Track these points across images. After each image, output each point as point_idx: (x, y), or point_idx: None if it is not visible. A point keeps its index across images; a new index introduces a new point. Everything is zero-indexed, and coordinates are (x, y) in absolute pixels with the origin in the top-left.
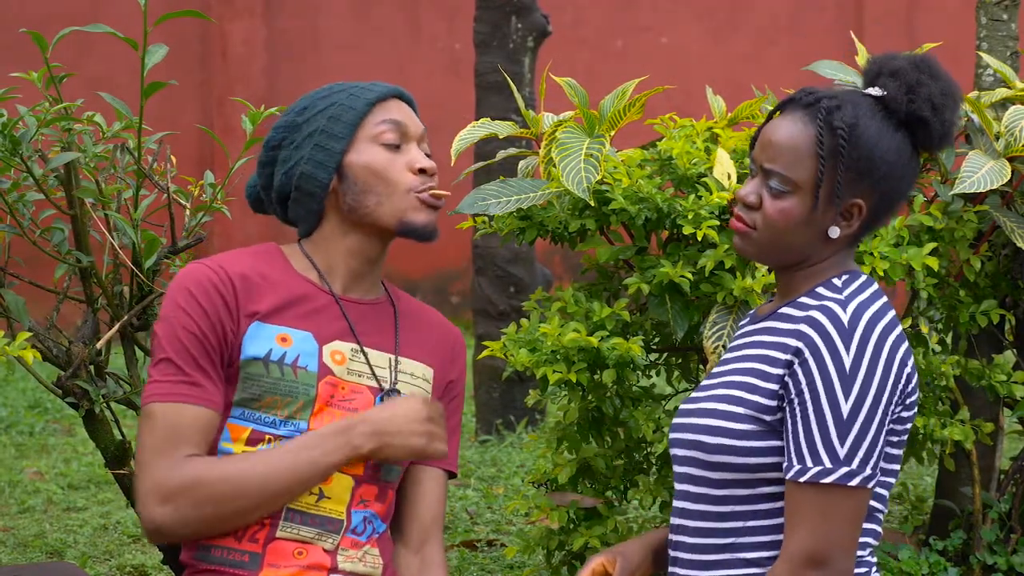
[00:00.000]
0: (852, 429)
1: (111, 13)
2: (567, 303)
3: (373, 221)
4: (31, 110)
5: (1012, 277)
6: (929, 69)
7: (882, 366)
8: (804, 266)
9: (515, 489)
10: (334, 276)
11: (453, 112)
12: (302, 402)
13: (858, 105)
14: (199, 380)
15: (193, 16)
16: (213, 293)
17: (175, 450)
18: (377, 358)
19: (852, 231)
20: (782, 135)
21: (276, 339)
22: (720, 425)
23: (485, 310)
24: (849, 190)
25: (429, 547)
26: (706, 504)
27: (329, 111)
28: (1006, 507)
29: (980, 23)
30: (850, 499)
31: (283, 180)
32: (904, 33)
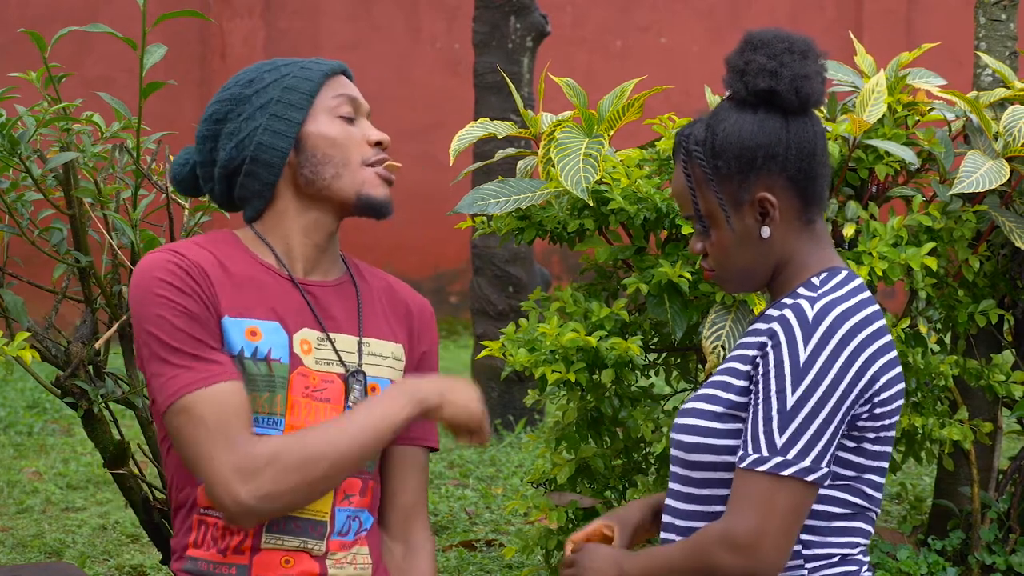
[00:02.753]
0: (794, 421)
1: (110, 13)
2: (566, 303)
3: (330, 194)
4: (30, 110)
5: (1011, 277)
6: (753, 44)
7: (840, 363)
8: (782, 268)
9: (514, 489)
10: (293, 258)
11: (452, 112)
12: (279, 396)
13: (713, 115)
14: (216, 358)
15: (192, 16)
16: (187, 277)
17: (237, 431)
18: (344, 343)
19: (778, 219)
20: (673, 185)
21: (246, 334)
22: (697, 424)
23: (484, 310)
24: (744, 190)
25: (413, 532)
26: (692, 503)
27: (283, 82)
28: (1004, 507)
29: (979, 23)
30: (784, 490)
31: (232, 153)
32: (903, 33)
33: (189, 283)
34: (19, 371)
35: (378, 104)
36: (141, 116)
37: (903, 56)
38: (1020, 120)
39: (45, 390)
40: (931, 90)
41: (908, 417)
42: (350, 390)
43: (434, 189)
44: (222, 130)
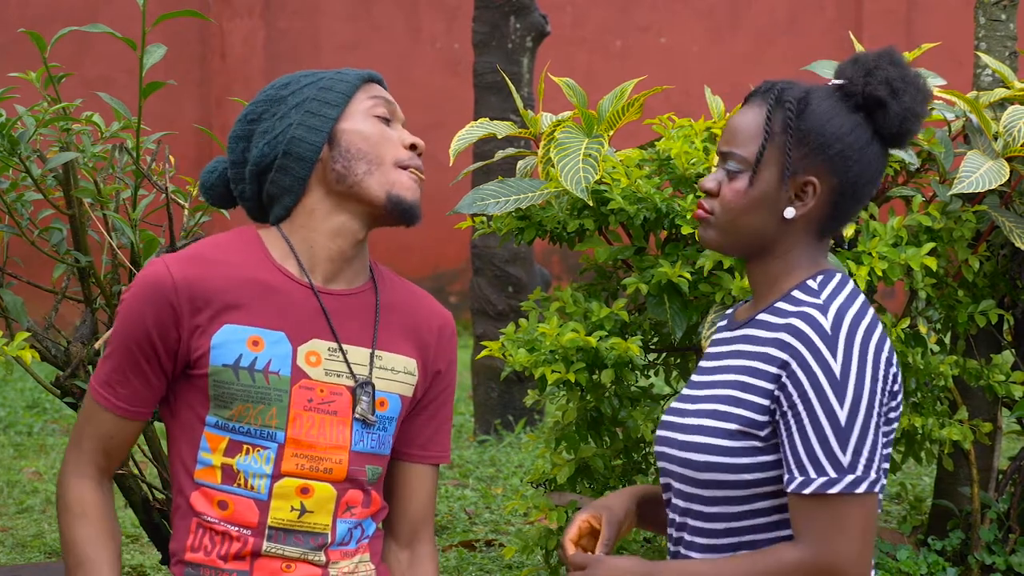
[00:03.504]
0: (852, 435)
1: (110, 13)
2: (565, 303)
3: (361, 191)
4: (29, 110)
5: (1010, 277)
6: (891, 58)
7: (870, 367)
8: (771, 257)
9: (514, 489)
10: (316, 263)
11: (452, 112)
12: (275, 409)
13: (814, 89)
14: (118, 385)
15: (192, 16)
16: (160, 301)
17: (82, 454)
18: (356, 355)
19: (807, 211)
20: (738, 119)
21: (247, 343)
22: (708, 442)
23: (483, 310)
24: (801, 165)
25: (420, 542)
26: (701, 520)
27: (319, 83)
28: (1004, 507)
29: (979, 23)
30: (859, 506)
31: (265, 150)
32: (903, 33)
33: (159, 308)
34: (19, 371)
35: None
36: (141, 116)
37: None
38: (1020, 120)
39: (45, 390)
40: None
41: (908, 417)
42: (357, 401)
43: (434, 189)
44: (256, 129)
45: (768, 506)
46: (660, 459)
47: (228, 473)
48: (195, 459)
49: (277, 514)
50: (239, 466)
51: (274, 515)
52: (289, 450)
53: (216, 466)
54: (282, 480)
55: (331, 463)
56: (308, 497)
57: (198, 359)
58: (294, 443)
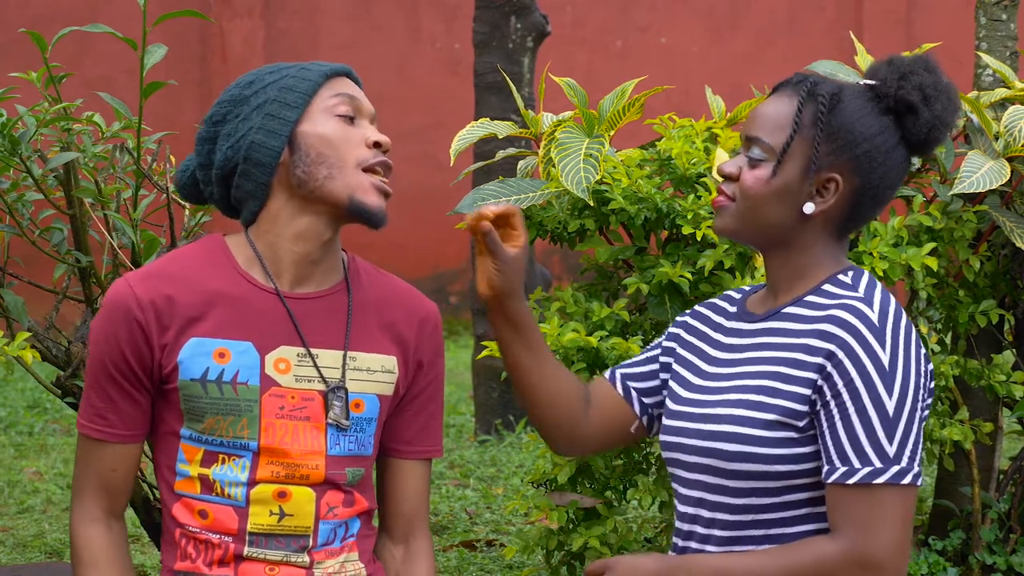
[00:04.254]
0: (898, 427)
1: (110, 13)
2: (566, 303)
3: (323, 195)
4: (30, 110)
5: (1011, 277)
6: (926, 64)
7: (914, 361)
8: (790, 252)
9: (514, 489)
10: (282, 267)
11: (452, 112)
12: (245, 419)
13: (846, 86)
14: (107, 413)
15: (192, 16)
16: (128, 321)
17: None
18: (327, 358)
19: (827, 208)
20: (767, 107)
21: (214, 355)
22: (742, 432)
23: (484, 310)
24: (826, 161)
25: (414, 538)
26: (723, 512)
27: (281, 82)
28: (1005, 507)
29: (979, 23)
30: (901, 497)
31: (228, 153)
32: (903, 33)
33: (129, 328)
34: (19, 371)
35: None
36: (142, 116)
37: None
38: (1021, 120)
39: (45, 390)
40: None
41: None
42: (329, 407)
43: (434, 189)
44: (220, 131)
45: (799, 499)
46: (674, 450)
47: (205, 483)
48: (174, 471)
49: (256, 520)
50: (215, 475)
51: (253, 521)
52: (263, 458)
53: (194, 477)
54: (258, 487)
55: (307, 469)
56: (286, 501)
57: (168, 374)
58: (268, 452)
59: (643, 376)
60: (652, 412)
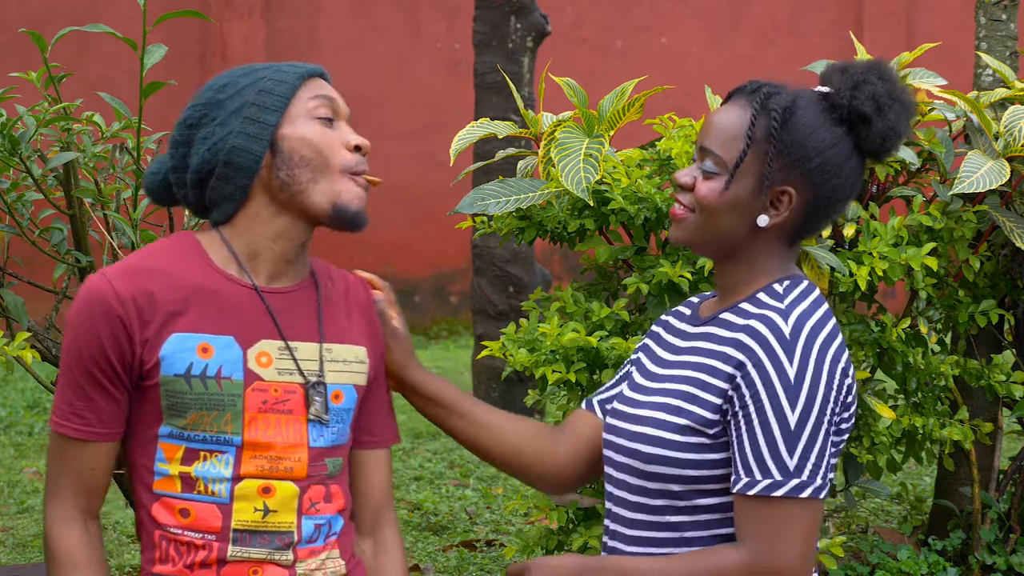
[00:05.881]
0: (800, 440)
1: (110, 13)
2: (566, 303)
3: (304, 199)
4: (30, 110)
5: (1011, 277)
6: (880, 71)
7: (825, 375)
8: (739, 262)
9: (514, 489)
10: (258, 264)
11: (452, 112)
12: (230, 414)
13: (800, 96)
14: (85, 411)
15: (192, 16)
16: (110, 316)
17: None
18: (305, 351)
19: (780, 221)
20: (720, 116)
21: (197, 350)
22: (658, 435)
23: (484, 310)
24: (779, 175)
25: (381, 528)
26: (643, 513)
27: (258, 85)
28: (1005, 507)
29: (979, 23)
30: (802, 510)
31: (206, 157)
32: (903, 33)
33: (110, 324)
34: (19, 371)
35: (378, 104)
36: (141, 116)
37: (903, 56)
38: (1020, 120)
39: (45, 390)
40: (931, 90)
41: (908, 417)
42: (311, 402)
43: (434, 189)
44: (196, 135)
45: (711, 503)
46: (607, 448)
47: (187, 481)
48: (152, 471)
49: (240, 516)
50: (197, 473)
51: (237, 518)
52: (247, 453)
53: (174, 475)
54: (242, 482)
55: (291, 462)
56: (270, 497)
57: (149, 370)
58: (252, 446)
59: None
60: None
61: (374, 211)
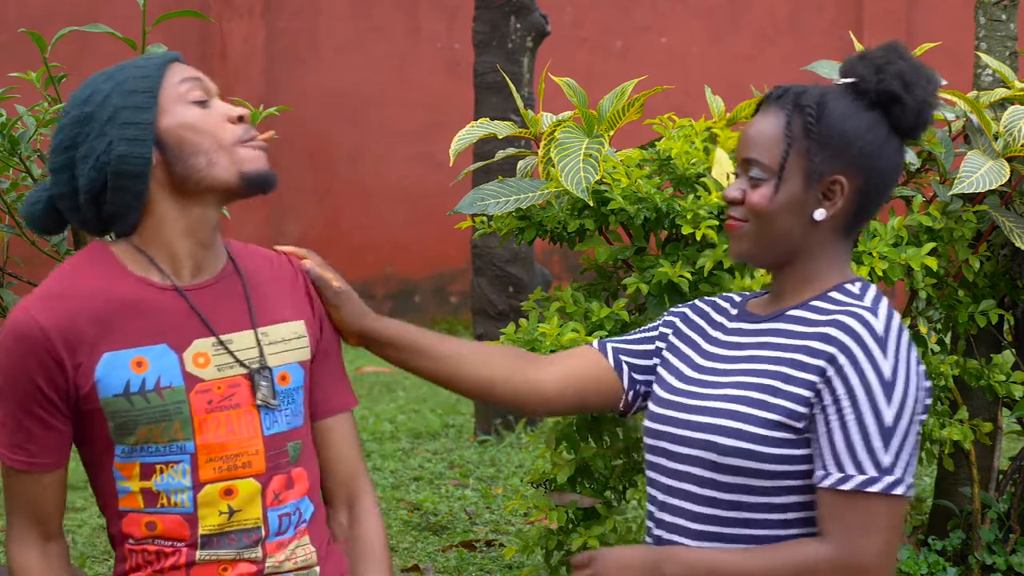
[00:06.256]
0: (895, 437)
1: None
2: (566, 303)
3: (211, 183)
4: (30, 110)
5: (1011, 277)
6: (899, 51)
7: (914, 374)
8: (802, 262)
9: (514, 489)
10: (179, 264)
11: (452, 112)
12: (177, 422)
13: (828, 90)
14: (26, 443)
15: (192, 16)
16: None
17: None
18: (241, 340)
19: (835, 212)
20: (755, 127)
21: (131, 366)
22: (739, 428)
23: (484, 310)
24: (826, 167)
25: (356, 499)
26: (714, 508)
27: (123, 87)
28: (1005, 507)
29: (979, 23)
30: (892, 508)
31: (92, 175)
32: (903, 33)
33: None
34: None
35: (378, 104)
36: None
37: None
38: (1020, 120)
39: None
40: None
41: None
42: (256, 388)
43: (434, 189)
44: (76, 156)
45: (788, 501)
46: (662, 439)
47: (149, 496)
48: (114, 490)
49: (207, 522)
50: (158, 486)
51: (204, 523)
52: (203, 457)
53: (136, 491)
54: (203, 489)
55: (248, 456)
56: (233, 498)
57: (86, 396)
58: (205, 449)
59: (638, 354)
60: (639, 390)
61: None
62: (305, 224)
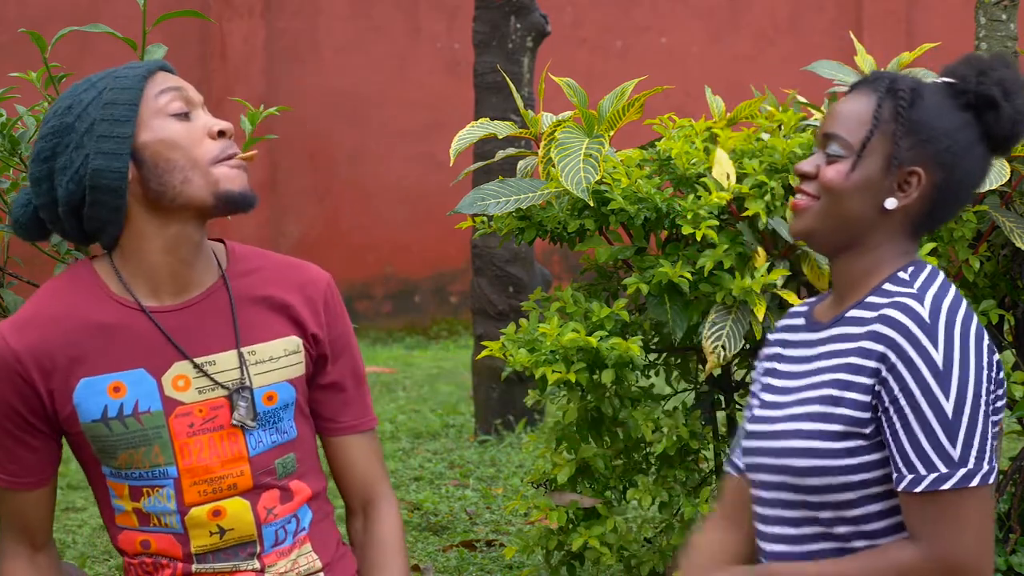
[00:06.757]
0: (960, 427)
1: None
2: (566, 303)
3: (185, 201)
4: (30, 110)
5: (1011, 277)
6: (1005, 61)
7: (973, 355)
8: (862, 251)
9: (514, 489)
10: (159, 283)
11: (452, 112)
12: (157, 446)
13: (925, 84)
14: (6, 463)
15: (192, 16)
16: (10, 375)
17: (6, 536)
18: (225, 361)
19: (908, 204)
20: (845, 104)
21: (108, 391)
22: (811, 446)
23: (484, 310)
24: (908, 155)
25: (373, 504)
26: (813, 526)
27: (102, 98)
28: (1005, 507)
29: (979, 23)
30: (975, 499)
31: (70, 188)
32: (904, 33)
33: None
34: None
35: (378, 104)
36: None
37: (903, 56)
38: None
39: None
40: None
41: None
42: (235, 408)
43: (434, 189)
44: (55, 166)
45: (881, 508)
46: (754, 471)
47: (141, 515)
48: (111, 507)
49: (198, 542)
50: (147, 508)
51: (196, 543)
52: (186, 481)
53: (129, 511)
54: (190, 512)
55: (232, 478)
56: (222, 519)
57: (67, 419)
58: (188, 473)
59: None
60: None
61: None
62: (305, 224)
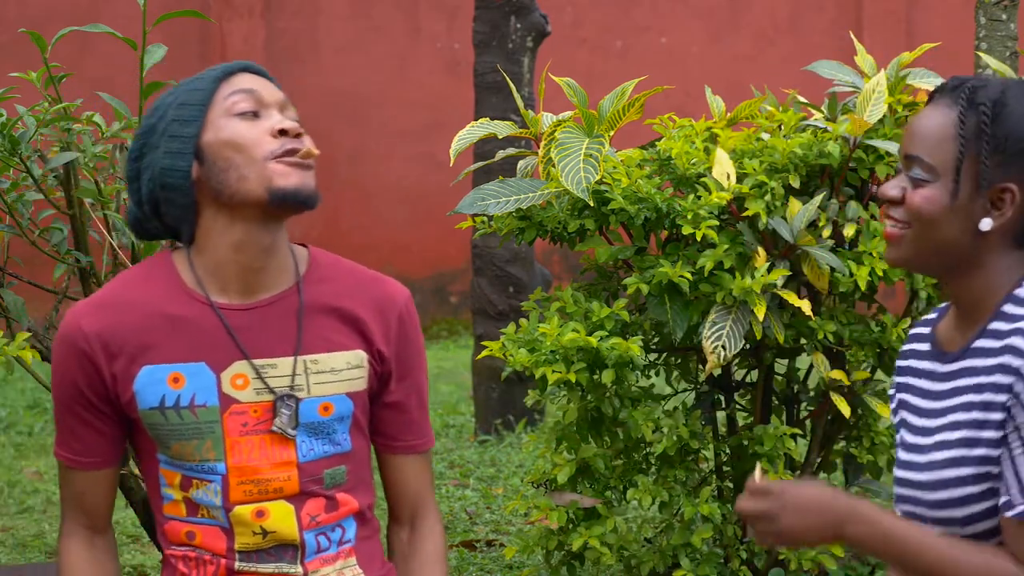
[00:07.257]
0: None
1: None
2: (566, 303)
3: (242, 199)
4: (30, 110)
5: None
6: None
7: None
8: (970, 274)
9: (514, 489)
10: (227, 281)
11: (452, 112)
12: (209, 442)
13: (1009, 87)
14: (72, 441)
15: (193, 16)
16: (78, 355)
17: (67, 515)
18: (284, 366)
19: (1006, 221)
20: (923, 121)
21: (168, 381)
22: (960, 495)
23: (484, 310)
24: (998, 173)
25: (420, 518)
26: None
27: (178, 99)
28: None
29: (979, 23)
30: None
31: (150, 186)
32: (903, 33)
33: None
34: (19, 371)
35: (378, 104)
36: (141, 116)
37: (903, 56)
38: None
39: (45, 390)
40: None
41: None
42: (277, 414)
43: (434, 189)
44: (141, 166)
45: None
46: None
47: (190, 505)
48: (160, 495)
49: (242, 539)
50: (195, 499)
51: (240, 540)
52: (234, 479)
53: (178, 500)
54: (235, 510)
55: (279, 482)
56: (266, 519)
57: (127, 404)
58: (237, 471)
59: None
60: None
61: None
62: (305, 224)
